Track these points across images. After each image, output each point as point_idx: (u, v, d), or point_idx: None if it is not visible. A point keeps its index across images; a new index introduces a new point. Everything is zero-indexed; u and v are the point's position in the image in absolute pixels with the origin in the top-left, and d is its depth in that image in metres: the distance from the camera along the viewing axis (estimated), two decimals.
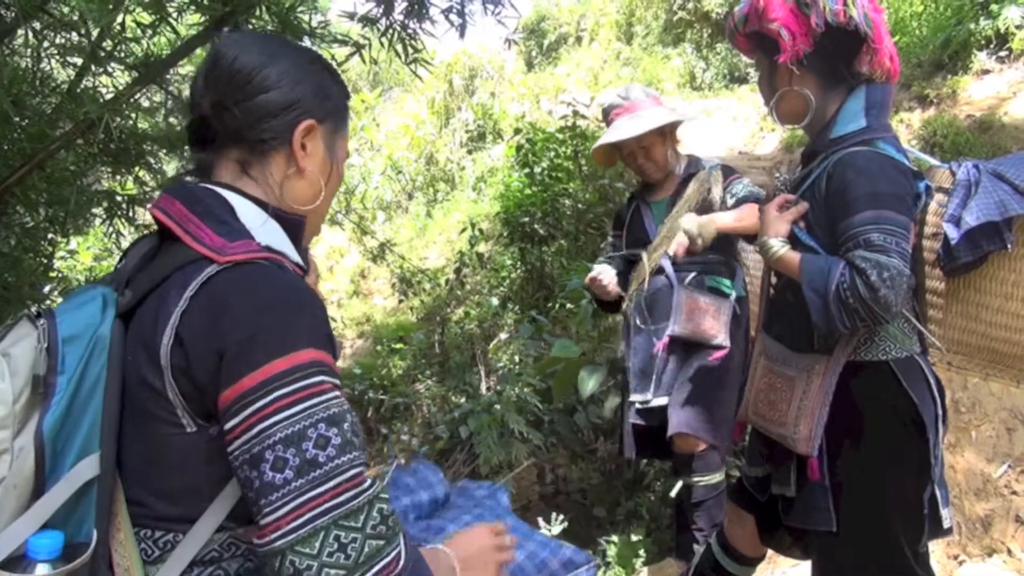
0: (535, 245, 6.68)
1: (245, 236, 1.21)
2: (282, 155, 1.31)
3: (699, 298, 3.01)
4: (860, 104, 2.03)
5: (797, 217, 2.05)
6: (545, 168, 6.87)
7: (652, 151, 3.11)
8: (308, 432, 1.07)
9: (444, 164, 12.17)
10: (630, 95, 3.16)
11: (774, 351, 2.16)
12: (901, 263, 1.78)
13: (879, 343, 1.97)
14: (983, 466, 3.58)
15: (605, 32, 20.10)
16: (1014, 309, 1.94)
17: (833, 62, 2.05)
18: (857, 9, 1.97)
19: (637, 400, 3.15)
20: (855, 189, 1.88)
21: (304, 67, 1.32)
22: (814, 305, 1.86)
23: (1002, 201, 1.88)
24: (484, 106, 12.45)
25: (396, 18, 3.64)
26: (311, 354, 1.11)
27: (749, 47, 2.21)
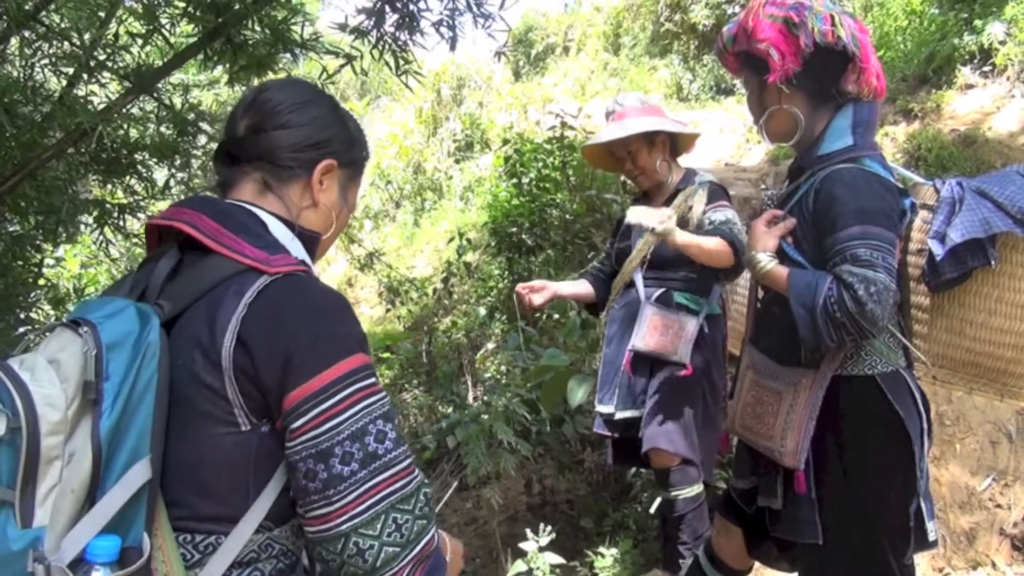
0: (523, 255, 6.71)
1: (283, 250, 1.32)
2: (301, 184, 1.42)
3: (664, 314, 3.04)
4: (847, 122, 2.07)
5: (785, 232, 2.08)
6: (533, 179, 6.91)
7: (638, 157, 3.15)
8: (369, 428, 1.20)
9: (432, 173, 12.19)
10: (625, 102, 3.22)
11: (761, 364, 2.19)
12: (888, 278, 1.81)
13: (865, 357, 2.01)
14: (967, 479, 3.63)
15: (592, 43, 20.21)
16: (998, 324, 1.98)
17: (821, 81, 2.09)
18: (845, 29, 2.02)
19: (602, 411, 3.21)
20: (842, 205, 1.91)
21: (336, 117, 1.46)
22: (802, 319, 1.89)
23: (986, 218, 1.91)
24: (472, 116, 12.48)
25: (387, 30, 3.67)
26: (364, 358, 1.24)
27: (738, 66, 2.24)
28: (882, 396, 1.97)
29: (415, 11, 3.71)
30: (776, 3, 2.06)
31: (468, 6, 3.73)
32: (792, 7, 2.03)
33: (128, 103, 3.32)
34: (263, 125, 1.39)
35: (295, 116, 1.40)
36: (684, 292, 3.12)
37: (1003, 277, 1.97)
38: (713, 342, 3.13)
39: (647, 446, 3.03)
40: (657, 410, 3.04)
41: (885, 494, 1.98)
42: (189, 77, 5.35)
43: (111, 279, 7.57)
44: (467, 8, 3.75)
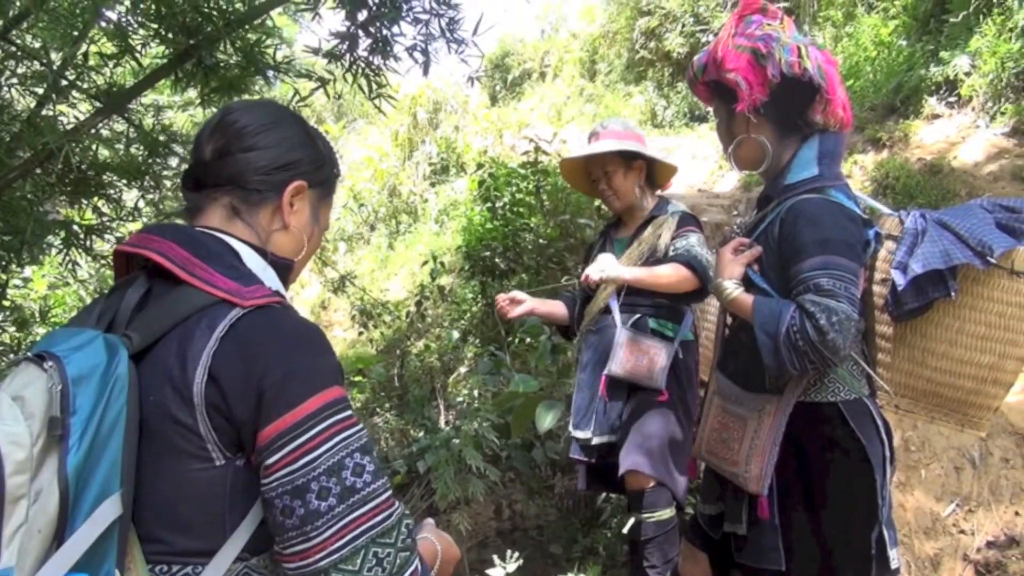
0: (496, 279, 6.71)
1: (256, 281, 1.29)
2: (271, 208, 1.39)
3: (640, 340, 3.06)
4: (813, 153, 2.09)
5: (751, 260, 2.10)
6: (507, 203, 6.93)
7: (613, 178, 3.17)
8: (346, 461, 1.18)
9: (407, 196, 12.19)
10: (608, 125, 3.27)
11: (727, 390, 2.20)
12: (849, 308, 1.83)
13: (828, 385, 2.02)
14: (932, 505, 3.65)
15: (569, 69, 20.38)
16: (958, 355, 2.01)
17: (788, 111, 2.11)
18: (811, 61, 2.05)
19: (579, 437, 3.21)
20: (806, 235, 1.93)
21: (305, 136, 1.44)
22: (765, 346, 1.91)
23: (947, 250, 1.94)
24: (448, 139, 12.52)
25: (360, 54, 3.68)
26: (339, 391, 1.22)
27: (708, 95, 2.27)
28: (844, 423, 1.99)
29: (388, 36, 3.72)
30: (744, 34, 2.08)
31: (441, 32, 3.75)
32: (760, 38, 2.06)
33: (98, 123, 3.30)
34: (229, 148, 1.36)
35: (262, 138, 1.37)
36: (657, 318, 3.14)
37: (964, 308, 2.00)
38: (687, 368, 3.15)
39: (624, 468, 3.03)
40: (634, 433, 3.04)
41: (846, 521, 1.99)
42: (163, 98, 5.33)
43: (79, 300, 7.47)
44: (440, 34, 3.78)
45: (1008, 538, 3.47)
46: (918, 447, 3.89)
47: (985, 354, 2.00)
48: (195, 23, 3.24)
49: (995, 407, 2.05)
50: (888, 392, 2.12)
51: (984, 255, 1.93)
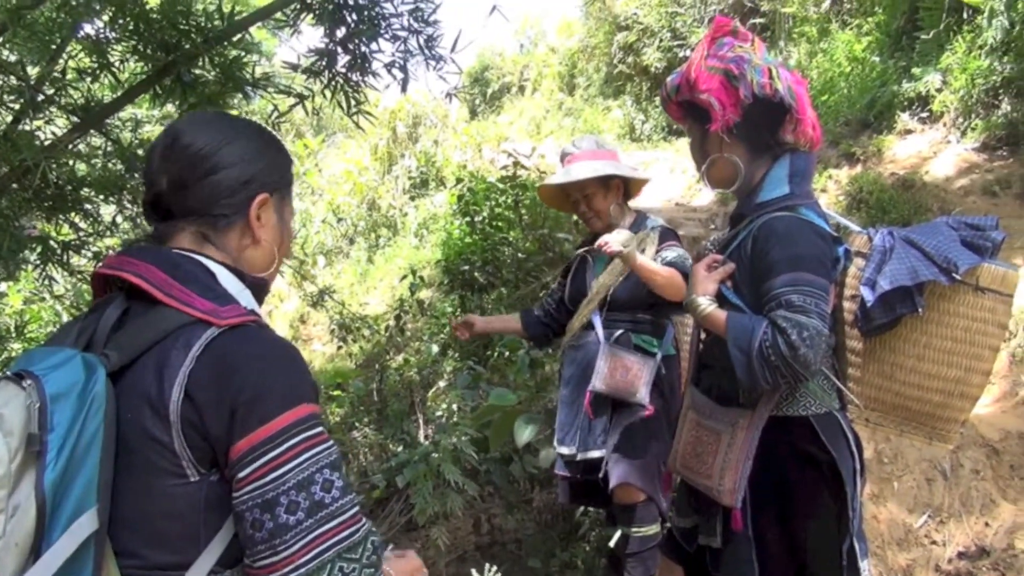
0: (475, 293, 6.73)
1: (232, 301, 1.31)
2: (239, 227, 1.40)
3: (623, 356, 3.07)
4: (784, 172, 2.13)
5: (724, 277, 2.14)
6: (486, 217, 6.96)
7: (593, 200, 3.19)
8: (315, 477, 1.21)
9: (387, 210, 12.19)
10: (581, 145, 3.27)
11: (702, 404, 2.23)
12: (820, 323, 1.87)
13: (800, 399, 2.06)
14: (904, 516, 3.70)
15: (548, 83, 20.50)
16: (926, 369, 2.05)
17: (760, 131, 2.15)
18: (782, 82, 2.09)
19: (564, 452, 3.21)
20: (777, 252, 1.97)
21: (257, 145, 1.42)
22: (738, 361, 1.94)
23: (913, 267, 1.99)
24: (427, 153, 12.54)
25: (339, 71, 3.70)
26: (311, 407, 1.25)
27: (681, 115, 2.31)
28: (816, 437, 2.02)
29: (367, 52, 3.75)
30: (717, 56, 2.13)
31: (420, 49, 3.78)
32: (732, 60, 2.10)
33: (75, 139, 3.29)
34: (186, 179, 1.35)
35: (219, 160, 1.36)
36: (640, 334, 3.16)
37: (931, 324, 2.04)
38: (670, 383, 3.17)
39: (616, 481, 3.04)
40: (623, 448, 3.06)
41: (818, 533, 2.02)
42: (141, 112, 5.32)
43: (55, 316, 7.42)
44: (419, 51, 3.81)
45: (979, 549, 3.52)
46: (891, 459, 3.94)
47: (952, 368, 2.04)
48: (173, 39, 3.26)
49: (962, 420, 2.10)
50: (858, 405, 2.16)
51: (949, 272, 1.98)
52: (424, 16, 3.77)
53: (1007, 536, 3.50)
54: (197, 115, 1.43)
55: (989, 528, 3.59)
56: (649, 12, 14.58)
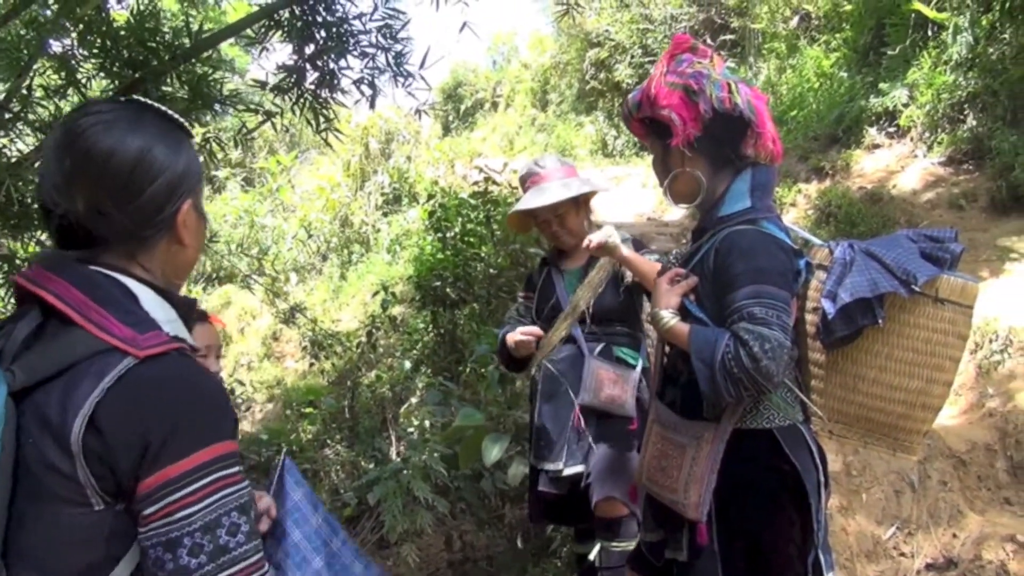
0: (447, 309, 6.72)
1: (153, 327, 1.23)
2: (166, 238, 1.33)
3: (608, 369, 3.08)
4: (746, 185, 2.16)
5: (687, 290, 2.15)
6: (458, 232, 6.96)
7: (566, 220, 3.18)
8: (223, 520, 1.17)
9: (359, 226, 12.17)
10: (545, 164, 3.25)
11: (666, 418, 2.24)
12: (782, 335, 1.88)
13: (764, 411, 2.07)
14: (873, 528, 3.73)
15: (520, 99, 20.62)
16: (888, 380, 2.07)
17: (721, 145, 2.17)
18: (741, 97, 2.11)
19: (548, 468, 3.16)
20: (739, 265, 1.99)
21: (172, 141, 1.31)
22: (702, 374, 1.95)
23: (873, 279, 2.01)
24: (400, 170, 12.55)
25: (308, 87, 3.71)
26: (227, 446, 1.21)
27: (643, 132, 2.33)
28: (779, 449, 2.03)
29: (335, 69, 3.76)
30: (676, 72, 2.15)
31: (388, 65, 3.80)
32: (691, 75, 2.12)
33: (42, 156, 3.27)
34: (104, 206, 1.24)
35: (143, 175, 1.25)
36: (621, 347, 3.16)
37: (892, 335, 2.06)
38: (647, 396, 3.17)
39: (601, 495, 3.01)
40: (606, 463, 3.05)
41: (782, 546, 2.03)
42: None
43: None
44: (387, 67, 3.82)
45: (946, 560, 3.55)
46: (859, 472, 3.97)
47: (913, 379, 2.06)
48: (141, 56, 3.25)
49: (924, 431, 2.12)
50: (822, 418, 2.17)
51: (909, 283, 2.00)
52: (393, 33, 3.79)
53: (974, 547, 3.53)
54: (98, 116, 1.26)
55: (957, 539, 3.63)
56: (620, 29, 14.74)
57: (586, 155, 15.39)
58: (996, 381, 4.63)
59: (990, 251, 6.09)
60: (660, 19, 14.09)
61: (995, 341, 4.83)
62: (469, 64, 24.10)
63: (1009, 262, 5.84)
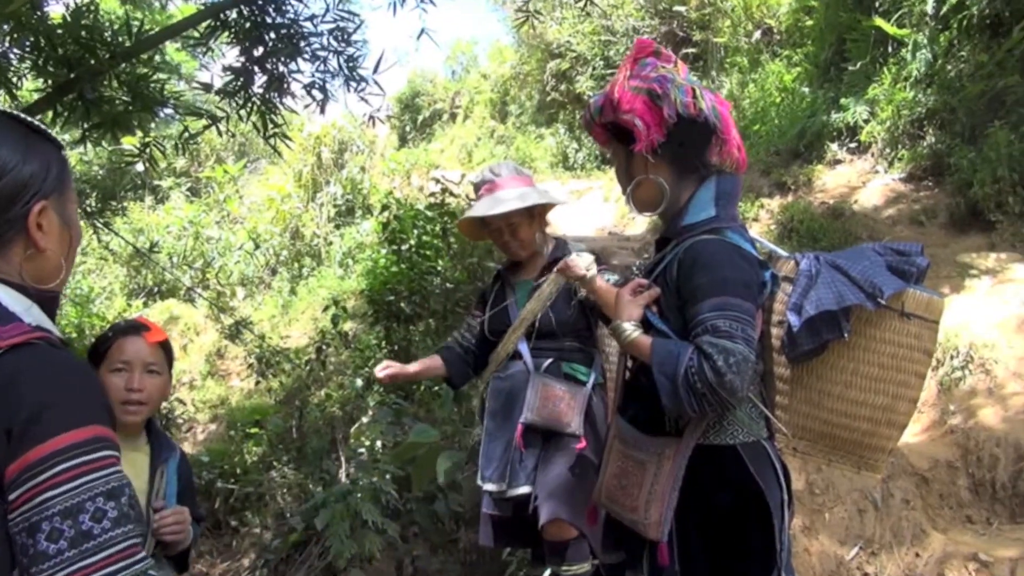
0: (401, 324, 6.67)
1: (13, 319, 1.25)
2: (20, 240, 1.32)
3: (554, 385, 3.04)
4: (710, 194, 2.15)
5: (650, 302, 2.13)
6: (413, 245, 6.91)
7: (519, 230, 3.15)
8: (86, 505, 1.16)
9: (310, 239, 12.07)
10: (501, 172, 3.22)
11: (627, 434, 2.21)
12: (746, 349, 1.87)
13: (727, 427, 2.06)
14: (836, 548, 3.74)
15: (480, 110, 20.65)
16: (853, 396, 2.07)
17: (685, 151, 2.16)
18: (706, 102, 2.11)
19: (492, 490, 3.13)
20: (702, 276, 1.97)
21: (23, 142, 1.32)
22: (664, 388, 1.93)
23: (839, 292, 2.01)
24: (353, 180, 12.48)
25: (255, 91, 3.65)
26: (95, 430, 1.20)
27: (606, 138, 2.31)
28: (743, 466, 2.02)
29: (285, 73, 3.71)
30: (640, 76, 2.14)
31: (340, 68, 3.76)
32: (655, 79, 2.11)
33: None
34: None
35: None
36: (570, 362, 3.13)
37: (857, 350, 2.06)
38: (600, 412, 3.14)
39: (548, 517, 2.97)
40: (553, 483, 3.00)
41: (744, 567, 2.01)
42: None
43: None
44: (340, 71, 3.78)
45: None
46: (822, 490, 3.99)
47: (879, 395, 2.07)
48: (77, 55, 3.17)
49: (890, 448, 2.12)
50: (786, 434, 2.16)
51: (875, 296, 2.01)
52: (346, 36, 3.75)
53: (937, 566, 3.56)
54: None
55: (920, 559, 3.65)
56: (582, 40, 14.85)
57: (546, 168, 15.45)
58: (957, 398, 4.70)
59: (950, 267, 6.20)
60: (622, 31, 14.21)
61: (956, 358, 4.91)
62: (427, 73, 24.09)
63: (969, 278, 5.95)
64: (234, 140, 15.79)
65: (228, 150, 17.29)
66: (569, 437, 3.02)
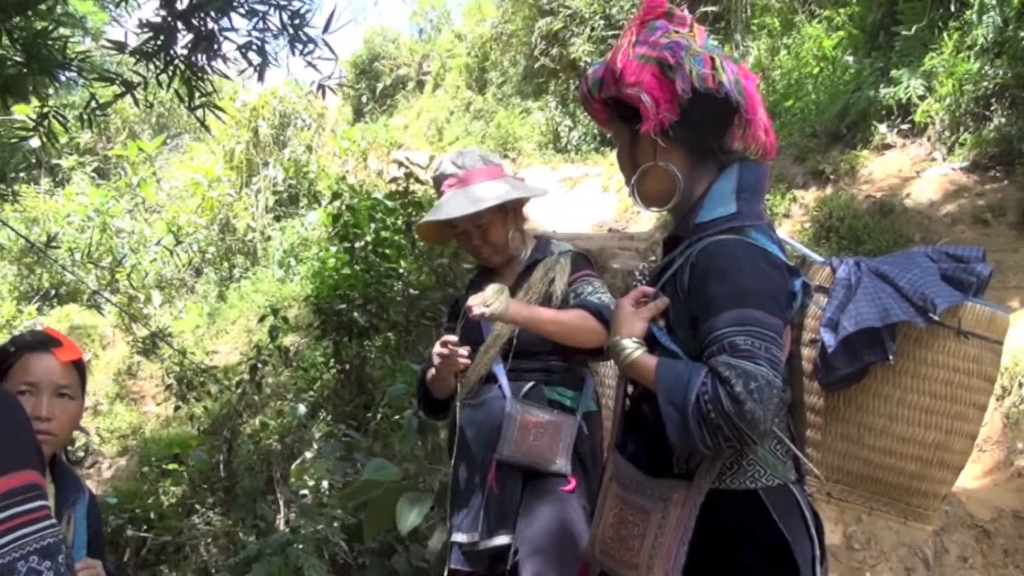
0: (354, 338, 6.66)
1: None
2: None
3: (537, 414, 3.03)
4: (731, 185, 2.16)
5: (655, 314, 2.14)
6: (369, 242, 6.90)
7: (490, 232, 3.13)
8: (18, 566, 1.16)
9: (244, 233, 12.05)
10: (465, 162, 3.19)
11: (627, 476, 2.22)
12: (771, 372, 1.88)
13: (747, 468, 2.07)
14: None
15: (453, 77, 20.64)
16: (899, 432, 2.08)
17: (702, 134, 2.17)
18: (727, 75, 2.12)
19: (462, 541, 3.12)
20: (720, 284, 1.98)
21: None
22: (671, 420, 1.94)
23: (884, 305, 2.02)
24: (297, 162, 12.46)
25: (178, 52, 3.65)
26: (27, 476, 1.21)
27: (606, 116, 2.32)
28: (766, 515, 2.03)
29: (215, 30, 3.70)
30: (648, 42, 2.15)
31: (283, 28, 3.75)
32: (666, 47, 2.11)
33: None
34: None
35: None
36: (556, 386, 3.12)
37: (905, 376, 2.07)
38: (592, 448, 3.13)
39: (528, 574, 2.98)
40: (537, 534, 2.99)
41: None
42: None
43: None
44: (282, 29, 3.78)
45: None
46: (863, 544, 4.02)
47: (930, 430, 2.08)
48: None
49: (942, 494, 2.14)
50: (819, 476, 2.18)
51: (926, 311, 2.02)
52: None
53: None
54: None
55: None
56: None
57: (533, 150, 15.47)
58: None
59: (1020, 275, 6.24)
60: None
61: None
62: (388, 32, 24.04)
63: None
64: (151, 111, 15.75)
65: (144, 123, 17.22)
66: (555, 477, 3.02)
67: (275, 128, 12.86)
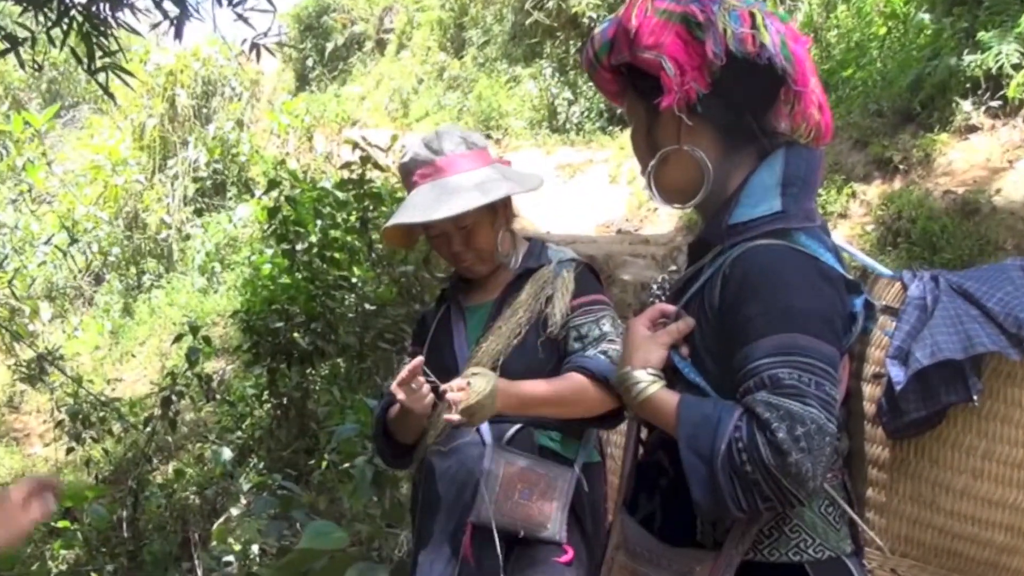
0: (294, 365, 6.65)
1: None
2: None
3: (525, 466, 3.02)
4: (775, 177, 2.14)
5: (677, 339, 2.13)
6: (315, 244, 6.90)
7: (476, 235, 3.09)
8: None
9: (157, 230, 12.04)
10: (443, 146, 3.14)
11: (638, 542, 2.21)
12: (823, 415, 1.86)
13: (791, 536, 2.05)
14: None
15: (422, 36, 20.66)
16: (985, 493, 2.07)
17: (738, 111, 2.16)
18: (771, 35, 2.09)
19: None
20: (759, 303, 1.97)
21: None
22: (695, 472, 1.92)
23: (967, 333, 2.01)
24: (225, 142, 12.44)
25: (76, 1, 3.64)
26: None
27: (617, 88, 2.30)
28: None
29: None
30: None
31: None
32: (694, 1, 2.10)
33: None
34: None
35: None
36: (550, 429, 3.11)
37: (993, 421, 2.06)
38: (593, 504, 3.13)
39: None
40: None
41: None
42: None
43: None
44: None
45: None
46: None
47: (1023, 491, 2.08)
48: None
49: None
50: (882, 548, 2.17)
51: (1021, 340, 2.02)
52: None
53: None
54: None
55: None
56: None
57: (524, 128, 15.46)
58: None
59: None
60: None
61: None
62: None
63: None
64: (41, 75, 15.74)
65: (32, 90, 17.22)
66: (547, 545, 3.01)
67: (197, 98, 12.85)
